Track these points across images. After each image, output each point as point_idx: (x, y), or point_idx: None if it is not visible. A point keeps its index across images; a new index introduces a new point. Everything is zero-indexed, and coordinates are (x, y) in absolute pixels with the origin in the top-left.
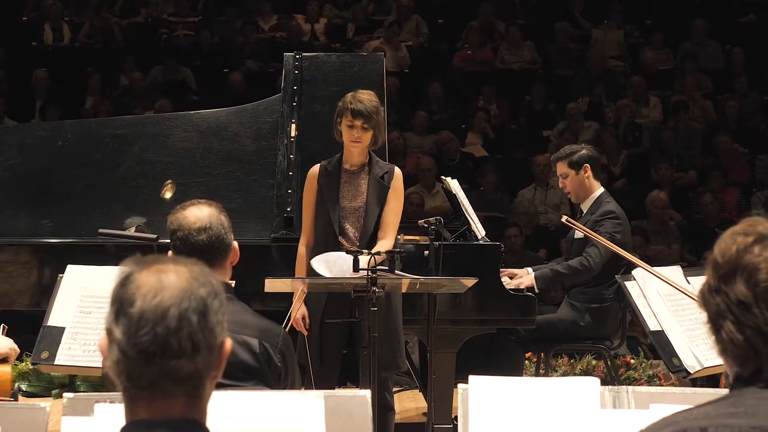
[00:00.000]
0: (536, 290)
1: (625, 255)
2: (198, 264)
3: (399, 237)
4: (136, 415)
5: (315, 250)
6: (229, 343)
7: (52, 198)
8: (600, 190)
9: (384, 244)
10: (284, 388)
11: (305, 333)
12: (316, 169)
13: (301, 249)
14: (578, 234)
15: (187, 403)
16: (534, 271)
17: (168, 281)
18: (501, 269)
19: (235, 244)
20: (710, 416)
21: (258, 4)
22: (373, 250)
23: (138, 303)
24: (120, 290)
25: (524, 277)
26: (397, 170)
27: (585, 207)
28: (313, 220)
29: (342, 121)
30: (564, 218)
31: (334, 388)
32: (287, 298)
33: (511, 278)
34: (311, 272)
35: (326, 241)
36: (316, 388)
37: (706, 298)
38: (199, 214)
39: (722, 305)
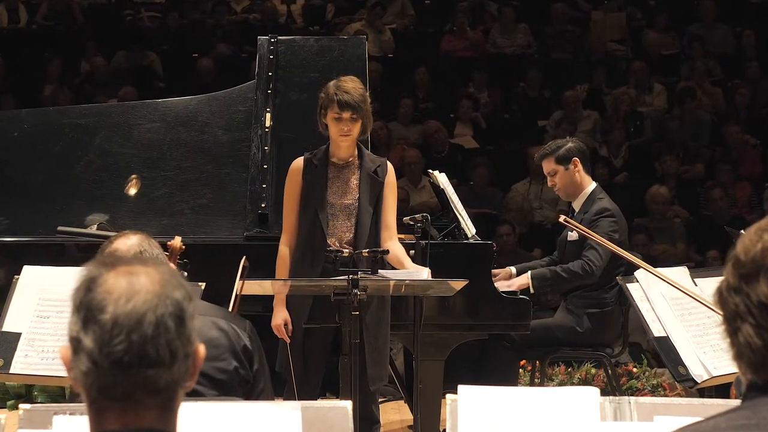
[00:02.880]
0: (531, 290)
1: (628, 256)
2: (166, 264)
3: None
4: (104, 426)
5: (299, 251)
6: (202, 350)
7: (7, 193)
8: (592, 185)
9: (397, 247)
10: (257, 371)
11: (287, 340)
12: (299, 162)
13: (283, 249)
14: (572, 235)
15: (161, 415)
16: (516, 268)
17: (140, 284)
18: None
19: (171, 265)
20: (721, 428)
21: None
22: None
23: (110, 309)
24: (86, 295)
25: (519, 277)
26: (390, 164)
27: (577, 205)
28: (296, 218)
29: (327, 114)
30: (561, 218)
31: (317, 399)
32: (263, 301)
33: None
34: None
35: (313, 242)
36: (299, 399)
37: (723, 297)
38: (129, 242)
39: (741, 306)
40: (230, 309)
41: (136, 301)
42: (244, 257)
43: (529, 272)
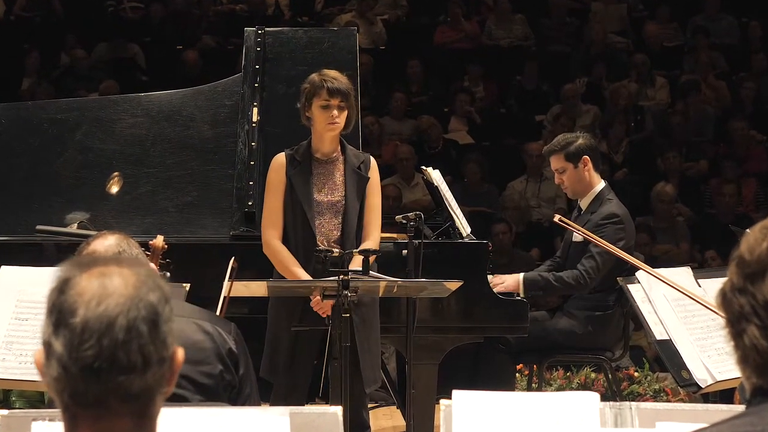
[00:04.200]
0: (521, 295)
1: (631, 260)
2: (144, 265)
3: None
4: None
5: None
6: (181, 354)
7: None
8: (601, 184)
9: (372, 244)
10: (243, 375)
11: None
12: (282, 157)
13: (276, 242)
14: (577, 236)
15: (136, 423)
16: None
17: (113, 286)
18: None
19: (152, 266)
20: None
21: None
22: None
23: (80, 312)
24: (58, 298)
25: (510, 278)
26: (373, 159)
27: (584, 204)
28: (282, 213)
29: (314, 103)
30: (557, 218)
31: (304, 404)
32: (250, 303)
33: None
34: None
35: (302, 241)
36: (285, 404)
37: (727, 298)
38: (107, 243)
39: (747, 307)
40: (218, 312)
41: (107, 304)
42: (233, 258)
43: (521, 275)
